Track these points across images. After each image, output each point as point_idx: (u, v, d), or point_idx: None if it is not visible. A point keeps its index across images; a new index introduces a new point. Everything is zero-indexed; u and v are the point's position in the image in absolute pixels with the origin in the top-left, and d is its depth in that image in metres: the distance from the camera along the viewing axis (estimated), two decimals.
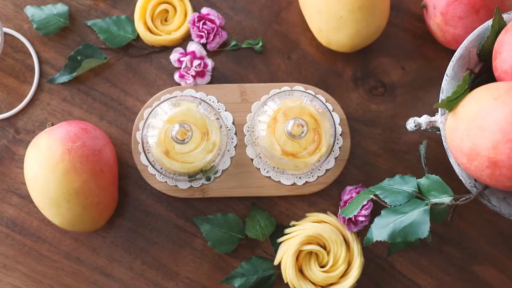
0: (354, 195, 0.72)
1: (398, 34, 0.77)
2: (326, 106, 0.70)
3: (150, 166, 0.72)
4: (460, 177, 0.63)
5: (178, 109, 0.68)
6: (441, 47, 0.75)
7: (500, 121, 0.54)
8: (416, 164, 0.75)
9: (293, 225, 0.73)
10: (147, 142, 0.68)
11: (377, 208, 0.72)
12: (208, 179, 0.73)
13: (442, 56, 0.76)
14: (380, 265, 0.75)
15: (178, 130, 0.66)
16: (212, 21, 0.74)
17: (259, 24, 0.77)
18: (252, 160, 0.73)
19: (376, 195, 0.64)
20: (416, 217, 0.59)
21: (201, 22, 0.74)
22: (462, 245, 0.75)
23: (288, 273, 0.71)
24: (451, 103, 0.60)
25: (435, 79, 0.76)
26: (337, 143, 0.73)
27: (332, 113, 0.72)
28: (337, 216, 0.73)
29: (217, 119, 0.69)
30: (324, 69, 0.76)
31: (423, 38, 0.77)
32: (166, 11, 0.76)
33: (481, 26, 0.64)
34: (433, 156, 0.75)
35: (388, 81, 0.76)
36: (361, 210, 0.70)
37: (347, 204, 0.71)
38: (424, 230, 0.58)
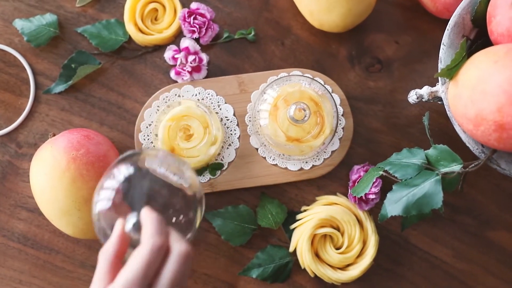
0: (362, 173, 0.72)
1: (389, 9, 0.77)
2: (325, 87, 0.70)
3: None
4: (467, 144, 0.63)
5: (178, 108, 0.69)
6: (432, 18, 0.75)
7: (503, 83, 0.54)
8: (420, 137, 0.75)
9: (305, 210, 0.73)
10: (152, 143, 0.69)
11: (385, 184, 0.72)
12: (213, 174, 0.72)
13: (434, 27, 0.76)
14: (395, 241, 0.75)
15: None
16: (202, 15, 0.74)
17: (250, 13, 0.76)
18: (257, 149, 0.73)
19: (385, 171, 0.64)
20: (429, 188, 0.59)
21: (192, 17, 0.73)
22: (473, 213, 0.75)
23: (305, 258, 0.71)
24: (451, 71, 0.60)
25: (430, 50, 0.76)
26: (340, 123, 0.73)
27: (332, 94, 0.72)
28: (347, 197, 0.73)
29: (216, 112, 0.69)
30: (319, 51, 0.76)
31: (414, 11, 0.77)
32: (155, 10, 0.76)
33: None
34: (435, 127, 0.75)
35: (383, 57, 0.76)
36: (371, 187, 0.70)
37: (356, 183, 0.71)
38: (438, 200, 0.59)
